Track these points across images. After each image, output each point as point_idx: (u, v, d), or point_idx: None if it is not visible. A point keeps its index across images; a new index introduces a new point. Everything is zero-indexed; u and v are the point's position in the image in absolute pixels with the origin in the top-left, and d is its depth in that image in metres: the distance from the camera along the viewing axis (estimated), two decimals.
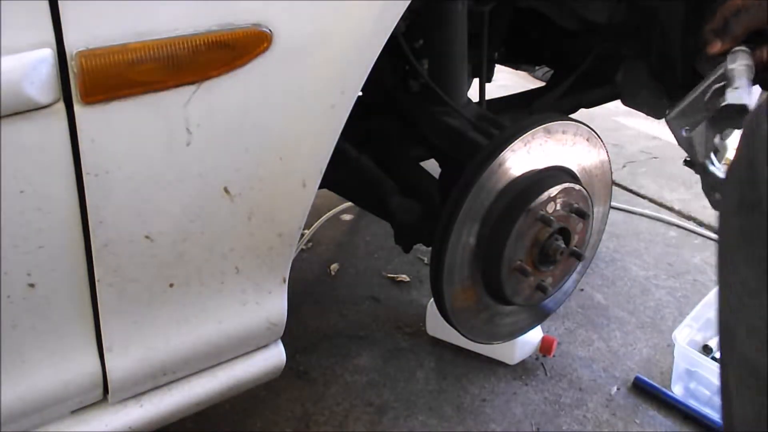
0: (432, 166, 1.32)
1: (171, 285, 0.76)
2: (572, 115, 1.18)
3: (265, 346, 0.90)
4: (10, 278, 0.64)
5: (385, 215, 1.24)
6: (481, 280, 1.10)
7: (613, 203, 1.28)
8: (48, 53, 0.58)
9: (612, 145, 2.53)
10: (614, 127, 2.79)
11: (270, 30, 0.68)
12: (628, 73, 1.53)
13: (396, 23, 0.78)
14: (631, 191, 2.25)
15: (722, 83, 0.87)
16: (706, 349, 1.34)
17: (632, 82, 1.52)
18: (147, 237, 0.71)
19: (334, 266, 1.75)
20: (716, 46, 0.90)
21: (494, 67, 1.80)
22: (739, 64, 0.86)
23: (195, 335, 0.81)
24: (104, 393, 0.78)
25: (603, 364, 1.42)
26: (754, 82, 0.87)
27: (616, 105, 1.65)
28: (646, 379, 1.36)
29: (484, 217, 1.04)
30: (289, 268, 0.86)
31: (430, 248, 1.10)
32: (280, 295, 0.86)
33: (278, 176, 0.76)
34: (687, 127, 0.92)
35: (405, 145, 1.36)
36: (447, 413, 1.28)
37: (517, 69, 2.39)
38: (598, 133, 1.15)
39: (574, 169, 1.12)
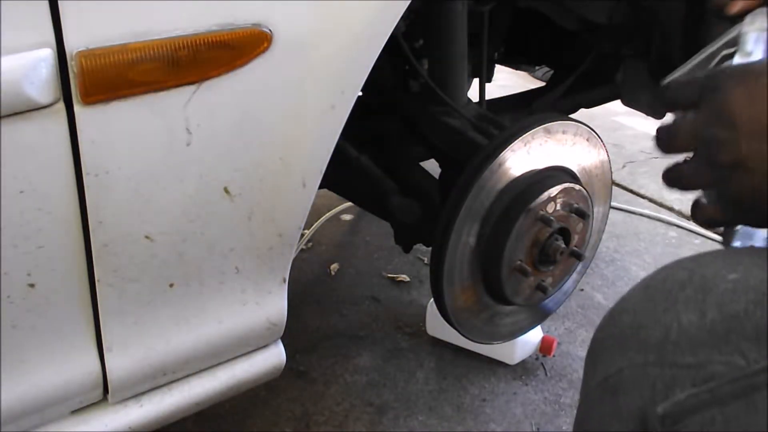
0: (432, 166, 1.32)
1: (171, 285, 0.76)
2: (572, 115, 1.18)
3: (265, 346, 0.90)
4: (10, 278, 0.64)
5: (385, 215, 1.24)
6: (481, 280, 1.10)
7: (613, 203, 1.28)
8: (48, 53, 0.58)
9: (612, 145, 2.53)
10: (614, 127, 2.80)
11: (270, 30, 0.68)
12: (628, 73, 1.53)
13: (396, 23, 0.78)
14: (631, 191, 2.25)
15: (733, 49, 0.71)
16: None
17: (632, 82, 1.52)
18: (147, 237, 0.71)
19: (334, 266, 1.75)
20: (737, 5, 0.71)
21: (494, 67, 1.80)
22: (758, 26, 0.70)
23: (195, 335, 0.81)
24: (104, 393, 0.78)
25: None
26: None
27: (616, 105, 1.65)
28: None
29: (484, 217, 1.04)
30: (289, 268, 0.86)
31: (430, 248, 1.10)
32: (280, 295, 0.86)
33: (278, 176, 0.76)
34: None
35: (405, 145, 1.36)
36: (447, 413, 1.28)
37: (517, 69, 2.39)
38: (598, 133, 1.15)
39: (574, 169, 1.12)
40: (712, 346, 0.44)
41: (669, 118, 0.61)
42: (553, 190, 1.04)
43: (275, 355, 0.90)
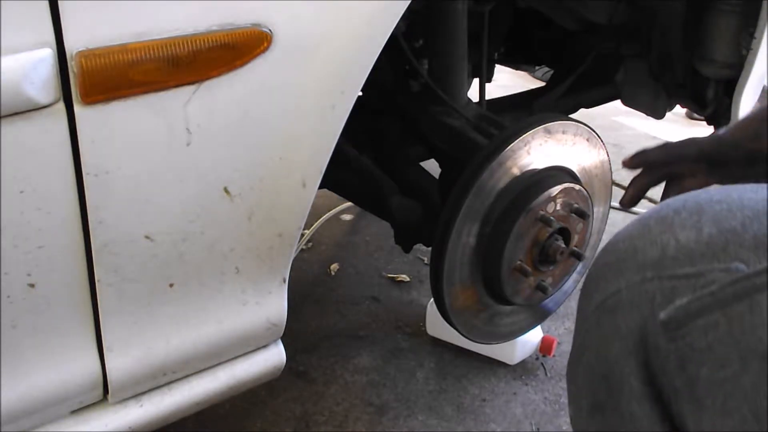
0: (432, 166, 1.32)
1: (171, 285, 0.76)
2: (572, 115, 1.18)
3: (265, 346, 0.90)
4: (10, 278, 0.64)
5: (385, 215, 1.24)
6: (481, 280, 1.10)
7: (613, 203, 1.28)
8: (48, 53, 0.58)
9: (612, 145, 2.53)
10: (614, 127, 2.79)
11: (270, 30, 0.68)
12: (628, 73, 1.53)
13: (396, 23, 0.78)
14: None
15: None
16: None
17: (632, 82, 1.52)
18: (147, 237, 0.71)
19: (334, 266, 1.75)
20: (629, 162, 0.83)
21: (494, 67, 1.80)
22: None
23: (195, 335, 0.81)
24: (104, 393, 0.78)
25: None
26: None
27: (616, 105, 1.65)
28: None
29: (484, 217, 1.04)
30: (289, 268, 0.86)
31: (430, 248, 1.10)
32: (280, 295, 0.86)
33: (278, 176, 0.76)
34: None
35: (405, 145, 1.36)
36: (447, 413, 1.28)
37: (517, 69, 2.39)
38: (598, 133, 1.15)
39: (574, 169, 1.12)
40: (711, 257, 0.45)
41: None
42: (553, 190, 1.04)
43: (275, 355, 0.90)
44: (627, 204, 0.83)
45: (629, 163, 0.82)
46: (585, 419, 0.54)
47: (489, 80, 1.49)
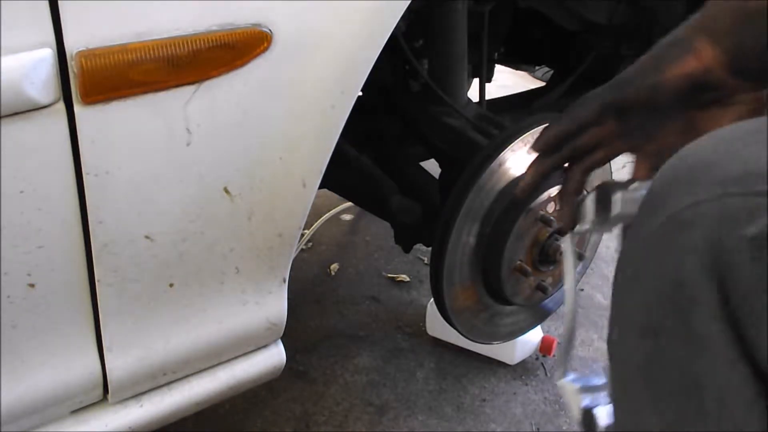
0: (432, 166, 1.32)
1: (171, 285, 0.76)
2: None
3: (265, 346, 0.90)
4: (10, 278, 0.64)
5: (385, 215, 1.24)
6: (481, 280, 1.10)
7: None
8: (48, 53, 0.58)
9: None
10: None
11: (270, 30, 0.68)
12: None
13: (396, 23, 0.78)
14: None
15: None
16: None
17: None
18: (147, 237, 0.71)
19: (334, 266, 1.75)
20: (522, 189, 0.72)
21: (494, 67, 1.80)
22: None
23: (195, 335, 0.81)
24: (104, 393, 0.78)
25: (603, 364, 1.42)
26: None
27: None
28: None
29: (484, 217, 1.04)
30: (289, 268, 0.86)
31: (430, 248, 1.10)
32: (280, 295, 0.86)
33: (278, 176, 0.76)
34: None
35: (405, 145, 1.36)
36: (447, 413, 1.28)
37: (517, 69, 2.39)
38: None
39: None
40: None
41: None
42: (553, 190, 1.04)
43: (275, 355, 0.90)
44: (520, 194, 0.71)
45: (535, 148, 0.72)
46: (631, 343, 0.49)
47: (489, 80, 1.49)
